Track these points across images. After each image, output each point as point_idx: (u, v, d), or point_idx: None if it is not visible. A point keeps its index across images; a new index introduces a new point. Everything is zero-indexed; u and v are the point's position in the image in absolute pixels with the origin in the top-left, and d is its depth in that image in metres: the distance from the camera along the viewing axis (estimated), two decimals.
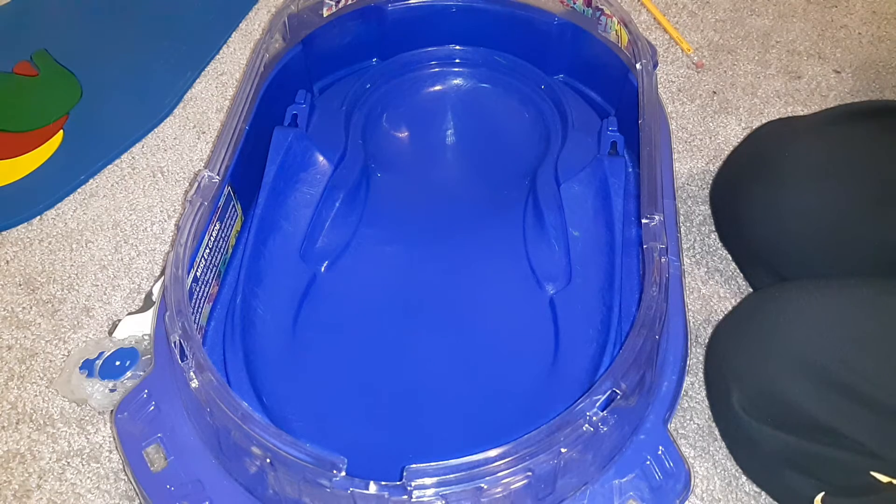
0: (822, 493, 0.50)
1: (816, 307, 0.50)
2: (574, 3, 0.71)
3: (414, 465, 0.42)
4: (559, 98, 0.72)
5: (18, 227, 0.74)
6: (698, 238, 0.70)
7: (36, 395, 0.63)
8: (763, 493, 0.55)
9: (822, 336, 0.49)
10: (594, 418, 0.44)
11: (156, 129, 0.81)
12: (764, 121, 0.77)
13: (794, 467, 0.51)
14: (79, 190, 0.76)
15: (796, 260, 0.58)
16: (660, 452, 0.49)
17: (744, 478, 0.56)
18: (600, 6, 0.69)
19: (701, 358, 0.62)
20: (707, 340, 0.60)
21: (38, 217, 0.74)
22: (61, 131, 0.81)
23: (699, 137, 0.78)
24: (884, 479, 0.47)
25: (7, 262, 0.71)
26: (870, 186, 0.56)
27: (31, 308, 0.68)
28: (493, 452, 0.43)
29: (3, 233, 0.73)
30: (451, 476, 0.42)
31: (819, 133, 0.60)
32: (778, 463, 0.52)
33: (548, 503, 0.47)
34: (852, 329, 0.48)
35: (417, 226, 0.68)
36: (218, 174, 0.57)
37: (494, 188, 0.70)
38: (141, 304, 0.67)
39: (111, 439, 0.60)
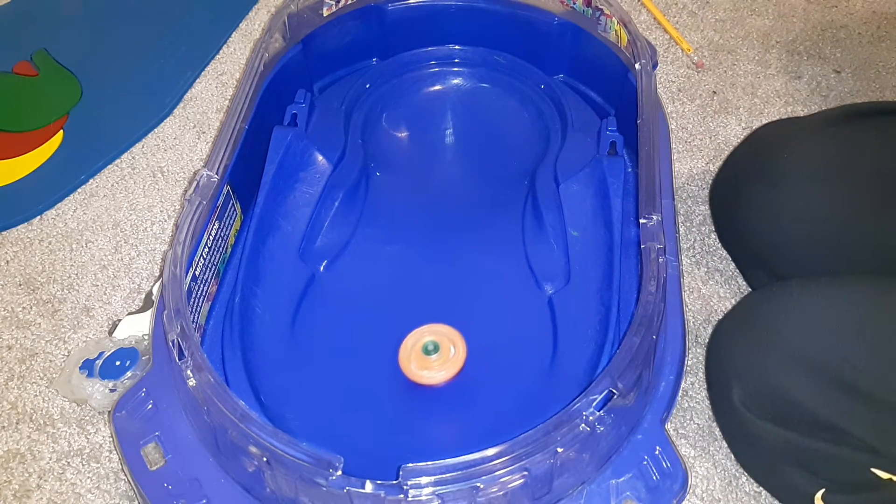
0: (823, 490, 0.50)
1: (816, 304, 0.50)
2: (574, 3, 0.71)
3: (410, 465, 0.42)
4: (559, 98, 0.72)
5: (18, 227, 0.74)
6: (698, 238, 0.70)
7: (36, 395, 0.63)
8: (763, 492, 0.55)
9: (822, 333, 0.49)
10: (591, 418, 0.44)
11: (156, 129, 0.81)
12: (764, 121, 0.78)
13: (795, 464, 0.51)
14: (79, 190, 0.76)
15: (795, 261, 0.58)
16: (657, 452, 0.49)
17: (744, 478, 0.56)
18: (600, 6, 0.69)
19: (701, 358, 0.62)
20: (707, 339, 0.60)
21: (38, 217, 0.74)
22: (61, 131, 0.81)
23: (699, 137, 0.78)
24: (884, 475, 0.47)
25: (7, 262, 0.71)
26: (868, 188, 0.56)
27: (31, 308, 0.68)
28: (489, 452, 0.43)
29: (3, 233, 0.73)
30: (448, 475, 0.42)
31: (817, 134, 0.60)
32: (778, 459, 0.52)
33: (544, 503, 0.47)
34: (852, 326, 0.49)
35: (416, 225, 0.68)
36: (217, 173, 0.57)
37: (494, 188, 0.70)
38: (141, 304, 0.67)
39: (111, 439, 0.60)
